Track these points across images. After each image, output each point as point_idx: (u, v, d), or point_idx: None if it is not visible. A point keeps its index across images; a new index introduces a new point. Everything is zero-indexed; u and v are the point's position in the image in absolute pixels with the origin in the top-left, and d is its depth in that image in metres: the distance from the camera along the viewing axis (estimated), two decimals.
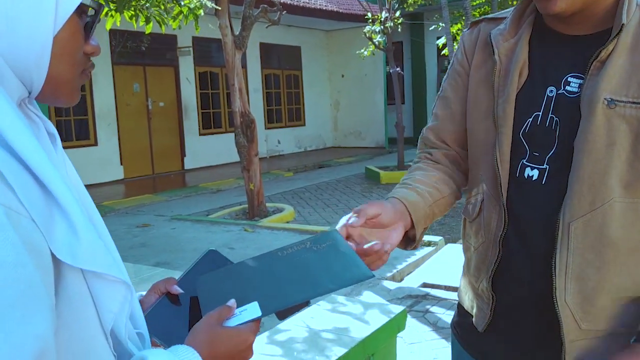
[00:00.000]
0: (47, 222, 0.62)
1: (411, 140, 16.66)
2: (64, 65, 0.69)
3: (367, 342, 2.55)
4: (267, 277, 0.90)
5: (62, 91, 0.72)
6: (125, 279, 0.70)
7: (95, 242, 0.67)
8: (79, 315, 0.66)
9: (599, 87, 0.99)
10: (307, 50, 15.85)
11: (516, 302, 1.12)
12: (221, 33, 6.96)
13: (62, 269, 0.64)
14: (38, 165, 0.63)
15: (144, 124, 11.59)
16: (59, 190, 0.64)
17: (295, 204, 8.54)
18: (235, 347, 0.76)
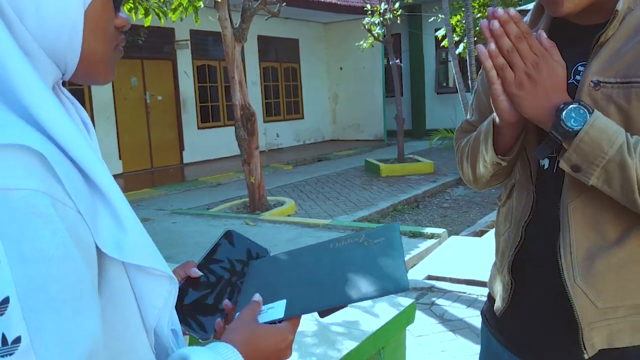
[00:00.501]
0: (92, 214, 0.59)
1: (410, 132, 16.64)
2: (98, 41, 0.66)
3: (377, 335, 2.53)
4: (309, 272, 0.87)
5: (98, 69, 0.68)
6: (170, 273, 0.67)
7: (142, 235, 0.64)
8: (120, 313, 0.63)
9: (588, 70, 1.01)
10: (305, 42, 15.78)
11: (534, 287, 1.13)
12: (220, 25, 6.90)
13: (105, 263, 0.61)
14: (81, 154, 0.60)
15: (142, 118, 11.53)
16: (104, 181, 0.61)
17: (295, 197, 8.51)
18: (274, 345, 0.74)
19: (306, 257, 0.92)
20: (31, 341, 0.50)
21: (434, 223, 6.94)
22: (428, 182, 9.21)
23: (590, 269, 1.02)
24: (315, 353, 2.35)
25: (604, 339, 1.04)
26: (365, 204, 7.88)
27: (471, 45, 8.80)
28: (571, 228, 1.03)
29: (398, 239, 0.87)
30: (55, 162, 0.57)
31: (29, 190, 0.53)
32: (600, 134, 0.94)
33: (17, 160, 0.54)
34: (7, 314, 0.50)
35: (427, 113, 17.01)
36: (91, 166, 0.61)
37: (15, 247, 0.51)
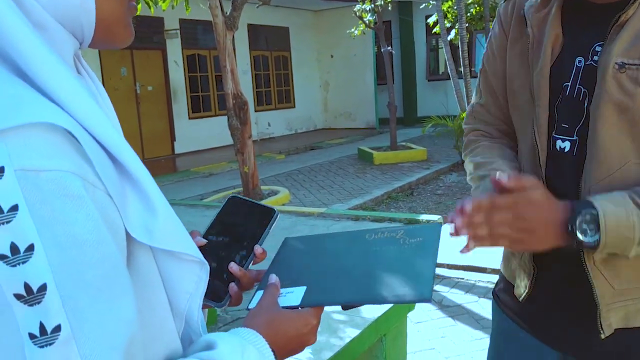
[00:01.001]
0: (121, 197, 0.56)
1: (402, 120, 16.62)
2: (111, 3, 0.63)
3: (379, 322, 2.52)
4: (337, 261, 0.85)
5: (116, 31, 0.65)
6: (201, 258, 0.65)
7: (172, 219, 0.62)
8: (149, 299, 0.60)
9: (612, 51, 0.98)
10: (296, 30, 15.68)
11: (554, 270, 1.13)
12: (211, 14, 6.82)
13: (134, 248, 0.58)
14: (107, 135, 0.57)
15: (133, 109, 11.43)
16: (132, 163, 0.58)
17: (289, 186, 8.48)
18: (296, 330, 0.72)
19: (340, 244, 0.90)
20: (72, 330, 0.48)
21: (429, 210, 6.95)
22: (421, 169, 9.21)
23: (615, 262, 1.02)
24: (317, 341, 2.33)
25: (620, 319, 1.04)
26: (359, 192, 7.87)
27: (463, 31, 8.78)
28: None
29: (436, 242, 0.84)
30: (85, 141, 0.54)
31: (59, 171, 0.50)
32: (618, 229, 0.92)
33: (46, 139, 0.51)
34: (45, 301, 0.48)
35: (419, 100, 17.00)
36: (118, 148, 0.58)
37: (48, 232, 0.49)
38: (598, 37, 1.03)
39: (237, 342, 0.65)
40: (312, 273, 0.82)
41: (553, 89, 1.08)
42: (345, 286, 0.79)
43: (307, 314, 0.74)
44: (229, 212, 0.91)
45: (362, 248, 0.86)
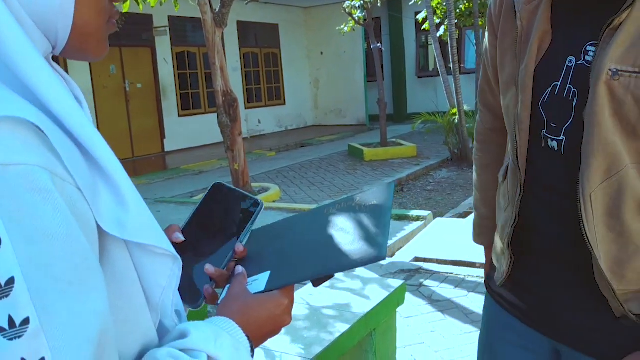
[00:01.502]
0: (92, 191, 0.56)
1: (391, 117, 16.65)
2: (91, 12, 0.62)
3: (369, 317, 2.53)
4: (298, 241, 0.85)
5: (90, 42, 0.64)
6: (173, 252, 0.65)
7: (144, 212, 0.62)
8: (124, 292, 0.61)
9: (606, 56, 0.96)
10: (285, 27, 15.66)
11: (536, 262, 1.16)
12: (200, 11, 6.79)
13: (107, 242, 0.58)
14: (80, 129, 0.57)
15: (122, 106, 11.38)
16: (105, 156, 0.58)
17: (280, 183, 8.48)
18: (269, 312, 0.72)
19: (300, 224, 0.89)
20: (40, 323, 0.48)
21: (419, 206, 6.97)
22: (411, 166, 9.24)
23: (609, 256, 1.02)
24: (307, 337, 2.35)
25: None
26: (349, 188, 7.88)
27: (452, 28, 8.81)
28: (593, 217, 1.01)
29: (388, 201, 0.83)
30: (53, 136, 0.54)
31: (26, 165, 0.50)
32: None
33: (13, 134, 0.50)
34: (14, 294, 0.47)
35: (408, 97, 17.03)
36: (91, 141, 0.57)
37: (16, 225, 0.48)
38: (590, 37, 1.01)
39: (210, 329, 0.65)
40: (275, 257, 0.82)
41: (540, 86, 1.07)
42: (307, 263, 0.79)
43: (277, 295, 0.74)
44: (212, 201, 0.89)
45: (320, 223, 0.85)
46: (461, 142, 9.24)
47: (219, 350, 0.63)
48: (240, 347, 0.66)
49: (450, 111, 9.21)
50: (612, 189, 1.00)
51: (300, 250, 0.82)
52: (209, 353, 0.62)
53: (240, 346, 0.66)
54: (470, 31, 14.08)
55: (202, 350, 0.62)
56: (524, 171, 1.12)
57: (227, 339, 0.65)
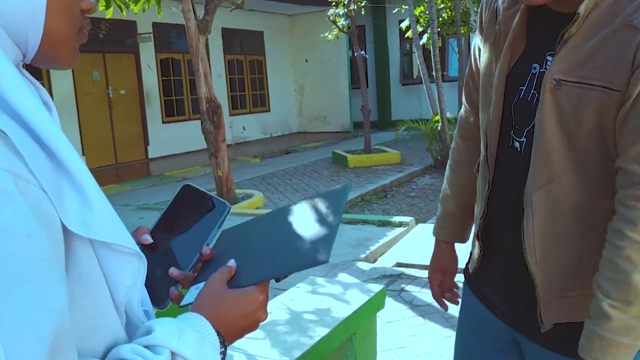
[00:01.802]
0: (57, 191, 0.58)
1: (375, 124, 16.73)
2: (61, 22, 0.64)
3: (348, 321, 2.56)
4: (259, 241, 0.86)
5: (61, 51, 0.66)
6: (137, 251, 0.67)
7: (108, 212, 0.64)
8: (90, 291, 0.62)
9: (553, 66, 1.03)
10: (270, 35, 15.70)
11: (499, 255, 1.24)
12: (184, 17, 6.81)
13: (73, 242, 0.60)
14: (46, 131, 0.59)
15: (105, 113, 11.31)
16: (70, 158, 0.60)
17: (264, 189, 8.49)
18: (243, 308, 0.73)
19: (259, 227, 0.90)
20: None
21: (402, 212, 7.02)
22: (395, 172, 9.30)
23: (548, 254, 1.09)
24: (287, 341, 2.37)
25: (559, 314, 1.11)
26: None
27: (435, 36, 8.90)
28: (534, 215, 1.08)
29: (342, 201, 0.84)
30: (18, 139, 0.55)
31: None
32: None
33: None
34: None
35: (393, 104, 17.14)
36: (57, 144, 0.59)
37: None
38: (549, 46, 1.07)
39: (175, 326, 0.66)
40: (236, 259, 0.82)
41: (512, 89, 1.14)
42: (261, 264, 0.80)
43: (252, 291, 0.75)
44: (182, 203, 0.90)
45: (278, 226, 0.87)
46: (444, 149, 9.32)
47: (182, 346, 0.64)
48: (205, 342, 0.67)
49: (433, 118, 9.30)
50: (552, 192, 1.06)
51: (258, 252, 0.83)
52: (172, 349, 0.63)
53: (206, 342, 0.67)
54: (452, 39, 14.22)
55: (165, 346, 0.63)
56: (493, 168, 1.19)
57: (191, 335, 0.66)
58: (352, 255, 4.80)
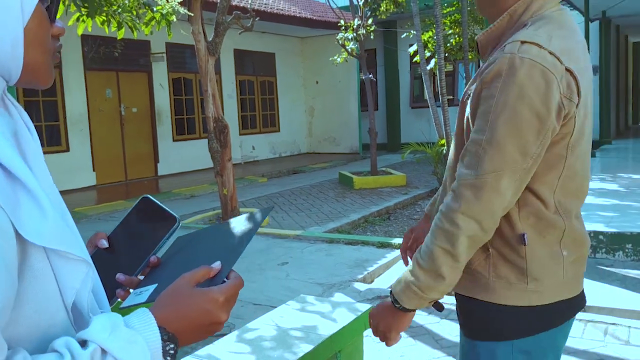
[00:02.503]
0: (13, 207, 0.67)
1: (385, 146, 16.85)
2: (37, 52, 0.75)
3: (334, 338, 2.62)
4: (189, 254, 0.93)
5: (39, 75, 0.77)
6: (86, 258, 0.75)
7: (59, 223, 0.72)
8: (42, 292, 0.70)
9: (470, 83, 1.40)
10: (282, 56, 15.93)
11: None
12: (194, 39, 6.99)
13: (28, 248, 0.69)
14: (8, 159, 0.68)
15: (117, 130, 11.52)
16: (25, 176, 0.69)
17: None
18: (200, 306, 0.77)
19: (204, 236, 0.98)
20: None
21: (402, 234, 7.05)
22: (400, 195, 9.36)
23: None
24: (271, 356, 2.43)
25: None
26: (337, 215, 7.99)
27: (441, 61, 9.01)
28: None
29: (259, 222, 0.91)
30: None
31: None
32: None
33: None
34: None
35: (402, 127, 17.25)
36: (17, 168, 0.69)
37: None
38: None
39: (110, 322, 0.72)
40: (167, 270, 0.89)
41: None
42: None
43: (211, 291, 0.78)
44: (139, 213, 0.99)
45: (210, 240, 0.95)
46: None
47: (111, 342, 0.69)
48: (137, 340, 0.71)
49: (439, 142, 9.37)
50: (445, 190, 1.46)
51: (184, 265, 0.89)
52: (100, 344, 0.69)
53: (138, 339, 0.72)
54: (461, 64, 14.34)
55: (94, 341, 0.69)
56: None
57: (124, 332, 0.71)
58: (350, 276, 4.85)
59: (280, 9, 13.53)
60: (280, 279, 4.90)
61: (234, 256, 0.84)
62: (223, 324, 0.79)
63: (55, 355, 0.68)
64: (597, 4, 11.84)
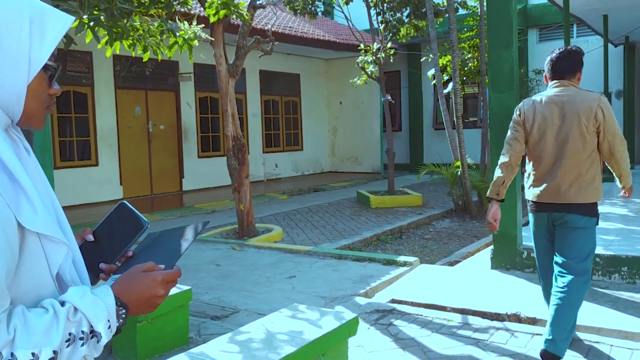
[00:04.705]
0: (15, 203, 0.96)
1: (407, 166, 17.02)
2: (35, 103, 1.05)
3: (317, 342, 2.85)
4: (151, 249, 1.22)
5: (34, 120, 1.07)
6: (65, 241, 1.04)
7: (47, 216, 1.01)
8: (35, 265, 1.00)
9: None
10: (307, 77, 16.32)
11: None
12: (216, 62, 7.37)
13: (26, 234, 0.98)
14: (14, 168, 0.98)
15: (144, 146, 11.99)
16: (26, 183, 0.99)
17: (285, 225, 8.85)
18: (143, 283, 1.07)
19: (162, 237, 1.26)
20: None
21: (414, 253, 7.24)
22: (415, 214, 9.53)
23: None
24: (257, 355, 2.67)
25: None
26: (350, 233, 8.20)
27: (456, 85, 9.23)
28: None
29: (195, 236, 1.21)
30: None
31: None
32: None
33: None
34: None
35: (425, 148, 17.43)
36: (17, 174, 0.98)
37: None
38: None
39: (82, 290, 1.03)
40: (135, 262, 1.18)
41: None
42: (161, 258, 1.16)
43: (153, 274, 1.09)
44: (117, 215, 1.28)
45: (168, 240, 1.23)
46: (465, 194, 9.51)
47: (81, 303, 1.00)
48: (98, 303, 1.02)
49: (455, 163, 9.54)
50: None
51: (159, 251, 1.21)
52: (73, 303, 1.00)
53: (99, 302, 1.02)
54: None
55: (69, 301, 1.00)
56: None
57: (89, 296, 1.02)
58: (352, 290, 5.06)
59: (305, 32, 13.92)
60: (286, 291, 5.14)
61: (177, 255, 1.18)
62: (162, 299, 1.10)
63: (43, 310, 0.98)
64: (617, 29, 11.92)
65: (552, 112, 3.41)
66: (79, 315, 0.99)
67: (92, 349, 1.01)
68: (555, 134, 3.41)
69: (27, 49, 1.00)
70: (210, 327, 4.27)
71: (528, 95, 12.49)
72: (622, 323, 3.98)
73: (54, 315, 0.97)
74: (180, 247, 1.18)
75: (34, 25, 1.01)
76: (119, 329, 1.05)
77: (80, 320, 0.99)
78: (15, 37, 0.99)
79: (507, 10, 5.36)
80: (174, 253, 1.17)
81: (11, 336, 0.92)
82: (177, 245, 1.19)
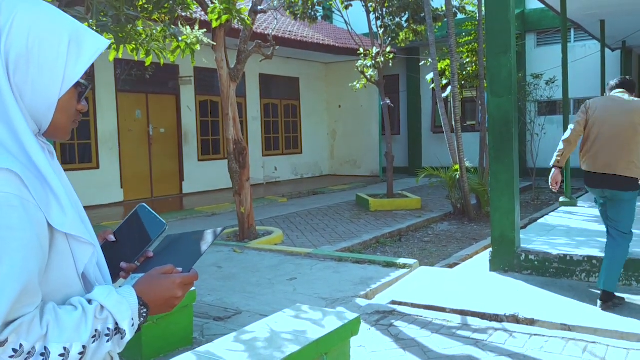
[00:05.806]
0: (46, 205, 1.02)
1: (405, 169, 17.11)
2: (62, 117, 1.11)
3: (321, 341, 2.92)
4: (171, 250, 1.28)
5: (59, 132, 1.13)
6: (92, 241, 1.10)
7: (75, 217, 1.08)
8: (63, 264, 1.06)
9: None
10: (306, 81, 16.41)
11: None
12: (217, 66, 7.44)
13: (55, 234, 1.04)
14: (44, 170, 1.05)
15: (145, 149, 12.05)
16: (57, 186, 1.05)
17: (285, 227, 8.91)
18: (163, 285, 1.12)
19: (177, 241, 1.31)
20: None
21: (413, 255, 7.31)
22: (414, 217, 9.60)
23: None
24: (262, 354, 2.74)
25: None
26: (349, 236, 8.27)
27: (455, 89, 9.31)
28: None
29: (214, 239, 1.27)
30: (26, 177, 1.00)
31: (7, 193, 0.97)
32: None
33: (3, 176, 0.98)
34: None
35: (424, 151, 17.52)
36: (50, 178, 1.05)
37: None
38: None
39: (108, 289, 1.08)
40: (153, 264, 1.23)
41: None
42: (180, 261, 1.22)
43: (172, 276, 1.15)
44: (137, 216, 1.33)
45: (187, 243, 1.29)
46: (463, 198, 9.59)
47: (107, 301, 1.06)
48: (123, 302, 1.08)
49: (454, 167, 9.61)
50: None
51: (178, 254, 1.26)
52: (100, 302, 1.06)
53: (124, 301, 1.08)
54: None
55: (96, 300, 1.06)
56: None
57: (115, 295, 1.08)
58: (353, 292, 5.13)
59: (304, 36, 14.01)
60: (288, 293, 5.20)
61: (195, 258, 1.24)
62: (180, 300, 1.16)
63: (72, 307, 1.04)
64: (615, 34, 12.02)
65: (613, 106, 4.53)
66: (106, 313, 1.05)
67: (116, 345, 1.08)
68: (611, 122, 4.48)
69: (64, 65, 1.06)
70: (214, 328, 4.33)
71: (526, 99, 12.59)
72: (618, 324, 4.06)
73: (82, 312, 1.03)
74: (198, 251, 1.24)
75: (72, 44, 1.08)
76: (139, 326, 1.12)
77: (106, 318, 1.05)
78: (55, 53, 1.05)
79: (505, 16, 5.45)
80: (192, 256, 1.23)
81: (44, 331, 0.98)
82: (195, 249, 1.25)
